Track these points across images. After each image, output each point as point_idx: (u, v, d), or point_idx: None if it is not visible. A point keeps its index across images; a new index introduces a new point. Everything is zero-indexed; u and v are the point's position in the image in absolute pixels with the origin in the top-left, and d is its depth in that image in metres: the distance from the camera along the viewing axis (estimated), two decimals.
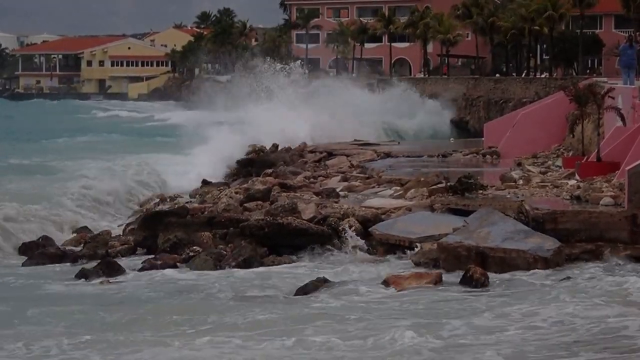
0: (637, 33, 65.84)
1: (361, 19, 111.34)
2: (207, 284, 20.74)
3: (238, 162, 41.10)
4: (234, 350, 15.42)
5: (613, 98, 30.04)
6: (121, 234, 26.82)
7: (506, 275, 20.71)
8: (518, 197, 24.78)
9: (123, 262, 23.27)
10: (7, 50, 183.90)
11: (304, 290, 19.86)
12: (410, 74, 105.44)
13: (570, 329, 16.43)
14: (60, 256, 24.29)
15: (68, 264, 23.70)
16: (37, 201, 29.75)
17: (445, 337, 16.02)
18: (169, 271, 22.33)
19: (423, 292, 19.52)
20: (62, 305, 18.68)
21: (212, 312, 18.04)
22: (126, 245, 24.91)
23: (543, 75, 75.41)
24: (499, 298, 18.90)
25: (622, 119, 28.99)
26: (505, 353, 15.08)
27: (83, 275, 21.89)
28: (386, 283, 20.24)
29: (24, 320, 17.58)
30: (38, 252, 24.51)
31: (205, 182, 35.29)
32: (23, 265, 23.83)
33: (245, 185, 31.53)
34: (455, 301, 18.77)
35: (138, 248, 24.86)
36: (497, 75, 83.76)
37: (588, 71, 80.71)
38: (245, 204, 27.50)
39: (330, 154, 41.37)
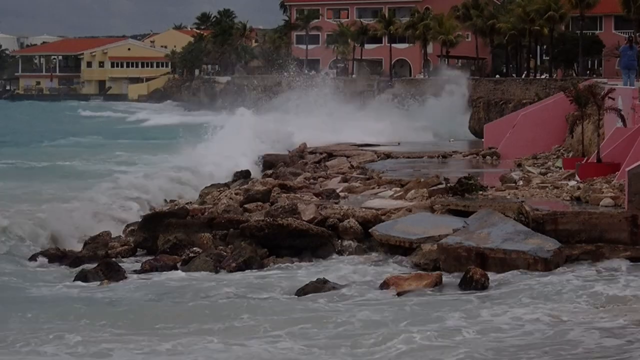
0: (637, 34, 65.86)
1: (361, 20, 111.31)
2: (203, 286, 20.70)
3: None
4: (191, 353, 15.58)
5: (613, 99, 30.02)
6: (122, 235, 26.81)
7: (506, 276, 20.73)
8: (518, 198, 24.77)
9: (123, 263, 23.27)
10: (7, 52, 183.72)
11: (304, 292, 19.87)
12: (410, 75, 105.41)
13: (528, 333, 16.54)
14: (60, 257, 24.27)
15: (68, 264, 23.69)
16: (97, 205, 29.76)
17: (410, 341, 16.04)
18: (166, 273, 22.30)
19: (415, 295, 19.52)
20: (48, 307, 18.73)
21: (196, 315, 18.09)
22: (126, 247, 24.90)
23: (543, 76, 75.36)
24: (486, 300, 18.94)
25: (623, 120, 28.97)
26: (452, 357, 15.24)
27: (83, 276, 21.85)
28: (386, 284, 20.23)
29: (4, 321, 17.63)
30: (36, 253, 24.49)
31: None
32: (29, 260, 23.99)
33: (245, 186, 31.51)
34: (440, 304, 18.76)
35: (138, 249, 24.84)
36: (497, 76, 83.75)
37: (588, 72, 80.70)
38: (245, 205, 27.48)
39: (330, 155, 41.36)
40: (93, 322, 17.44)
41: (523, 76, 77.23)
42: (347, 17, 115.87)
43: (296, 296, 19.74)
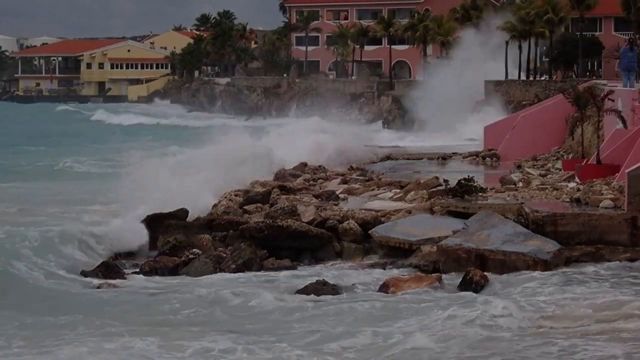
0: (637, 36, 65.83)
1: (361, 21, 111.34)
2: (201, 287, 20.58)
3: None
4: (187, 353, 15.70)
5: (613, 101, 30.01)
6: None
7: (504, 278, 20.70)
8: (518, 199, 24.75)
9: (125, 268, 23.25)
10: (6, 53, 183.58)
11: (304, 293, 19.86)
12: (410, 77, 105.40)
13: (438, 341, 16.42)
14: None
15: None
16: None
17: (408, 341, 16.08)
18: (166, 274, 22.31)
19: (413, 297, 19.48)
20: (44, 306, 18.95)
21: (195, 316, 18.19)
22: None
23: (543, 78, 75.28)
24: (469, 301, 18.88)
25: (623, 121, 28.95)
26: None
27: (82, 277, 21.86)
28: (386, 286, 20.22)
29: None
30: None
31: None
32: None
33: (245, 188, 31.46)
34: (439, 305, 18.72)
35: None
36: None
37: (588, 74, 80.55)
38: (244, 207, 27.45)
39: None
40: (85, 322, 17.49)
41: (523, 78, 77.11)
42: (347, 19, 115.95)
43: (296, 297, 19.72)
